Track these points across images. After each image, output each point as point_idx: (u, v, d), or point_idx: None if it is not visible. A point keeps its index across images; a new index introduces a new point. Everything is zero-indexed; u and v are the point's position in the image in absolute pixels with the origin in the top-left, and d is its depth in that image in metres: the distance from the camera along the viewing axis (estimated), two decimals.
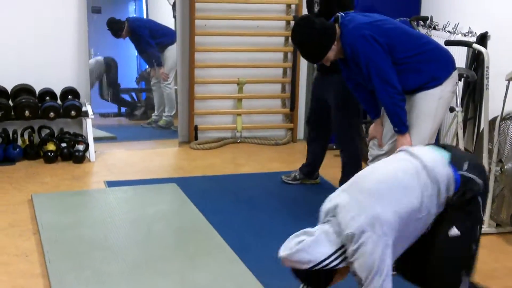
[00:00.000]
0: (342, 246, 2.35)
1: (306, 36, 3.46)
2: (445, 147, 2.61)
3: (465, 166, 2.48)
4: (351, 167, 4.17)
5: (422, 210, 2.40)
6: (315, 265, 2.34)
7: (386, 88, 3.34)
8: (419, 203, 2.38)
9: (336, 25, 3.43)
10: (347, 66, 3.56)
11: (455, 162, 2.49)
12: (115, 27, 5.85)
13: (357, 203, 2.38)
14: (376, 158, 3.67)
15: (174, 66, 5.93)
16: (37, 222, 3.90)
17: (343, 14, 3.47)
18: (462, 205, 2.46)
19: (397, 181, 2.43)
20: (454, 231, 2.44)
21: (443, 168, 2.46)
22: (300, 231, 2.46)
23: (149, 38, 5.99)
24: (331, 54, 3.45)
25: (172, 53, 5.91)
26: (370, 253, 2.28)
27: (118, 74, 6.05)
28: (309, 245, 2.37)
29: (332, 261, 2.35)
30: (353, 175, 2.67)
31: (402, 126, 3.39)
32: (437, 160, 2.49)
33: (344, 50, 3.44)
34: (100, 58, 5.92)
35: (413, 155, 2.53)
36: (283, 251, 2.43)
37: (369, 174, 2.56)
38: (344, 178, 4.26)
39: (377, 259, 2.27)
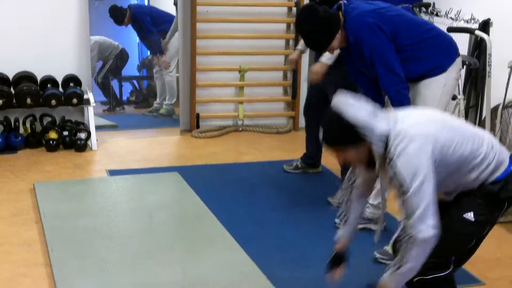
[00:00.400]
0: (387, 138, 2.33)
1: (310, 25, 3.43)
2: None
3: None
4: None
5: (467, 165, 2.39)
6: (359, 124, 2.30)
7: (389, 76, 3.32)
8: (469, 157, 2.38)
9: (340, 13, 3.41)
10: (349, 54, 3.54)
11: None
12: (118, 14, 5.84)
13: (422, 119, 2.40)
14: None
15: (176, 54, 5.92)
16: (39, 210, 3.90)
17: (345, 1, 3.45)
18: (490, 197, 2.45)
19: (467, 130, 2.44)
20: (470, 216, 2.44)
21: (504, 156, 2.47)
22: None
23: (151, 25, 5.98)
24: (335, 43, 3.43)
25: (173, 41, 5.90)
26: (415, 155, 2.26)
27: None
28: (368, 111, 2.35)
29: (373, 134, 2.31)
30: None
31: None
32: (503, 149, 2.51)
33: (347, 38, 3.42)
34: (118, 44, 5.91)
35: (487, 133, 2.55)
36: (341, 100, 2.37)
37: (444, 114, 2.60)
38: (344, 170, 4.25)
39: (420, 163, 2.26)
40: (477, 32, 4.27)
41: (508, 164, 2.47)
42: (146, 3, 6.20)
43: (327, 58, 4.16)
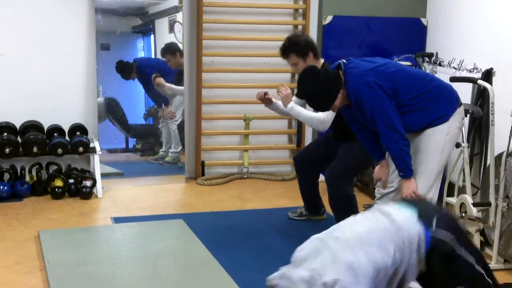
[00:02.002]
0: None
1: (313, 87, 3.49)
2: (413, 202, 2.64)
3: (434, 222, 2.49)
4: (342, 214, 4.08)
5: (392, 268, 2.40)
6: None
7: (390, 133, 3.37)
8: (391, 261, 2.38)
9: (340, 72, 3.47)
10: (350, 110, 3.58)
11: (424, 218, 2.49)
12: (124, 70, 5.91)
13: (332, 251, 2.38)
14: (385, 196, 3.67)
15: (181, 104, 5.98)
16: (44, 258, 3.89)
17: (345, 61, 3.51)
18: (439, 273, 2.45)
19: (373, 236, 2.43)
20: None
21: (414, 227, 2.46)
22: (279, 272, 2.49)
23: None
24: (337, 102, 3.49)
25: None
26: None
27: (124, 110, 6.09)
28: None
29: None
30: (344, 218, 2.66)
31: (407, 171, 3.41)
32: (408, 218, 2.49)
33: (348, 97, 3.47)
34: (100, 99, 5.97)
35: (387, 215, 2.53)
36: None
37: (345, 227, 2.56)
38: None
39: None
40: (480, 82, 4.31)
41: (425, 234, 2.46)
42: (152, 53, 6.28)
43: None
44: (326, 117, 4.19)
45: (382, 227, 2.47)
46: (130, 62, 5.96)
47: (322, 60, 4.42)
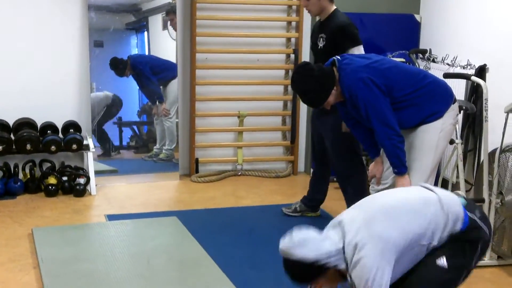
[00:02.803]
0: (344, 252, 2.39)
1: (306, 84, 3.49)
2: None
3: (477, 213, 2.56)
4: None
5: (426, 238, 2.44)
6: (312, 260, 2.37)
7: (385, 130, 3.37)
8: (425, 230, 2.43)
9: (334, 69, 3.47)
10: (345, 106, 3.58)
11: (469, 207, 2.56)
12: (118, 67, 5.90)
13: (365, 218, 2.44)
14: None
15: (176, 101, 5.97)
16: (37, 256, 3.89)
17: (339, 57, 3.50)
18: (462, 241, 2.47)
19: (409, 205, 2.50)
20: (442, 261, 2.46)
21: (456, 207, 2.52)
22: (304, 229, 2.52)
23: (150, 75, 6.04)
24: (331, 99, 3.49)
25: (173, 88, 5.96)
26: (370, 267, 2.31)
27: (119, 112, 6.08)
28: (313, 240, 2.44)
29: (331, 259, 2.39)
30: None
31: (401, 167, 3.41)
32: (453, 199, 2.56)
33: (343, 93, 3.47)
34: (109, 94, 5.96)
35: (430, 188, 2.61)
36: (286, 243, 2.47)
37: (382, 196, 2.64)
38: None
39: (375, 273, 2.31)
40: (473, 78, 4.32)
41: (464, 214, 2.50)
42: (146, 50, 6.27)
43: None
44: None
45: (424, 197, 2.54)
46: (124, 59, 5.94)
47: (334, 7, 4.31)
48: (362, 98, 3.36)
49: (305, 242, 2.42)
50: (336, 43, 4.12)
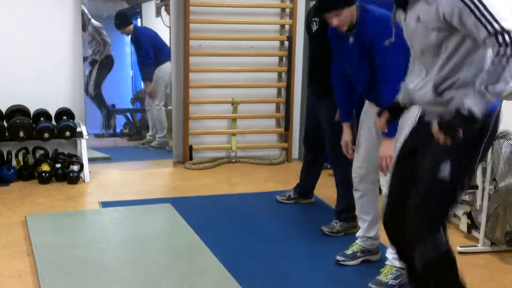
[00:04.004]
0: None
1: None
2: None
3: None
4: (345, 189, 4.12)
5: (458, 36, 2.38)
6: None
7: (396, 88, 3.24)
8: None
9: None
10: (341, 49, 3.47)
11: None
12: (122, 20, 5.85)
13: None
14: (363, 177, 3.62)
15: (163, 87, 5.94)
16: (31, 243, 3.88)
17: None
18: (471, 139, 2.41)
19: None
20: (443, 174, 2.43)
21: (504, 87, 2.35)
22: None
23: (150, 50, 6.00)
24: (343, 16, 3.27)
25: (162, 73, 5.93)
26: None
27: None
28: None
29: None
30: (347, 196, 2.60)
31: (392, 129, 3.25)
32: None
33: (358, 34, 3.31)
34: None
35: None
36: None
37: None
38: (340, 200, 4.25)
39: None
40: None
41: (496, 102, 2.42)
42: None
43: None
44: None
45: None
46: (131, 20, 5.90)
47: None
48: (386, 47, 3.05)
49: None
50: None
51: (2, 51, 5.36)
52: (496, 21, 2.20)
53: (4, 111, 5.35)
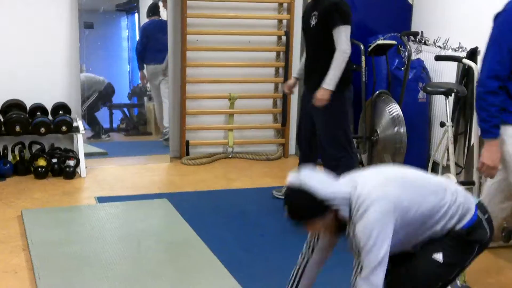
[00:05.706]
0: (351, 201, 2.39)
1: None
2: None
3: (486, 215, 2.57)
4: None
5: (431, 221, 2.45)
6: (322, 197, 2.36)
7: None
8: (434, 212, 2.44)
9: None
10: None
11: (481, 207, 2.58)
12: (155, 9, 5.94)
13: (382, 180, 2.45)
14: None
15: (152, 78, 6.00)
16: (27, 238, 3.88)
17: None
18: (462, 239, 2.49)
19: (429, 184, 2.51)
20: (439, 256, 2.48)
21: (470, 204, 2.52)
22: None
23: (158, 42, 6.02)
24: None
25: (151, 73, 5.97)
26: (376, 220, 2.31)
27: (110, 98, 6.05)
28: (328, 181, 2.43)
29: (337, 201, 2.37)
30: None
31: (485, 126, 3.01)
32: (469, 196, 2.57)
33: None
34: (104, 80, 5.91)
35: (451, 180, 2.67)
36: (304, 174, 2.45)
37: (405, 169, 2.64)
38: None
39: (381, 228, 2.31)
40: (465, 61, 4.32)
41: (475, 211, 2.52)
42: (137, 34, 6.20)
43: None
44: (347, 48, 4.08)
45: (444, 185, 2.53)
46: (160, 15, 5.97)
47: None
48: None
49: (321, 179, 2.42)
50: (327, 21, 4.08)
51: None
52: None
53: (0, 105, 5.33)
